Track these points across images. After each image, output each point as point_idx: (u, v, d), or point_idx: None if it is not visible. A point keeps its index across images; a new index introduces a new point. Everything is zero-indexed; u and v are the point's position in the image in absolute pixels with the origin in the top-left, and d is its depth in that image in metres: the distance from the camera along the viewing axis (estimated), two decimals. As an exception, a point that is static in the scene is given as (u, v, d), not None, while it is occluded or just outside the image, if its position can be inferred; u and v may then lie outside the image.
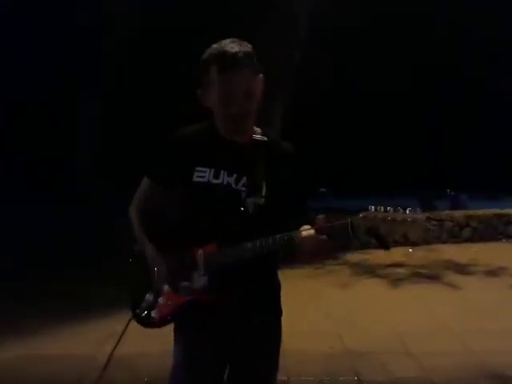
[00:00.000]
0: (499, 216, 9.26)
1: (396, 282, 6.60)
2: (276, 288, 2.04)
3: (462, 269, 7.20)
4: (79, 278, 6.34)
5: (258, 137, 1.96)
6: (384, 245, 1.77)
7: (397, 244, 8.65)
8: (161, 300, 1.93)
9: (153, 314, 1.94)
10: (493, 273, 6.96)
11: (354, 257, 7.67)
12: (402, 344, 4.47)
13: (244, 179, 1.90)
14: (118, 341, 2.15)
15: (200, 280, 1.87)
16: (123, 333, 2.09)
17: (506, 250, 8.51)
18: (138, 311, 1.98)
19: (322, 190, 12.71)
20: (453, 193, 10.28)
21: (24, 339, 4.70)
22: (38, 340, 4.71)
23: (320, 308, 5.30)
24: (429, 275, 6.88)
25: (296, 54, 9.10)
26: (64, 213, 8.64)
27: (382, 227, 1.69)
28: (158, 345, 2.82)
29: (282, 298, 2.03)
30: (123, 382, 3.79)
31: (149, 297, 1.96)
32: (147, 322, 1.98)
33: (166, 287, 1.92)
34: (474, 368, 3.98)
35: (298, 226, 1.84)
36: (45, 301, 5.70)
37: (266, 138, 1.97)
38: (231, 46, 1.81)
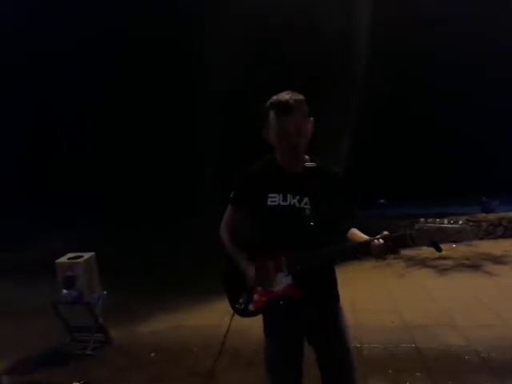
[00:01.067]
0: (527, 216, 8.63)
1: (443, 271, 6.29)
2: (335, 283, 2.06)
3: (497, 259, 6.75)
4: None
5: (308, 164, 1.98)
6: (437, 248, 1.73)
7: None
8: (256, 297, 1.98)
9: (250, 307, 2.00)
10: (524, 263, 6.50)
11: (407, 252, 7.40)
12: (450, 318, 4.29)
13: (305, 199, 1.93)
14: (229, 326, 2.21)
15: (285, 279, 1.92)
16: (231, 321, 2.14)
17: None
18: (237, 306, 2.03)
19: (382, 201, 12.18)
20: (486, 199, 9.59)
21: (169, 314, 4.96)
22: (180, 314, 4.94)
23: (383, 292, 5.20)
24: (470, 265, 6.51)
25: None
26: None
27: (436, 236, 1.71)
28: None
29: (355, 285, 2.06)
30: (239, 346, 3.89)
31: (244, 295, 2.01)
32: (245, 314, 2.03)
33: (259, 287, 1.97)
34: (510, 339, 3.76)
35: (347, 230, 1.97)
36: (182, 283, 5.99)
37: (315, 165, 1.99)
38: (285, 95, 1.89)
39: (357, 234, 1.96)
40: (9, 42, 10.06)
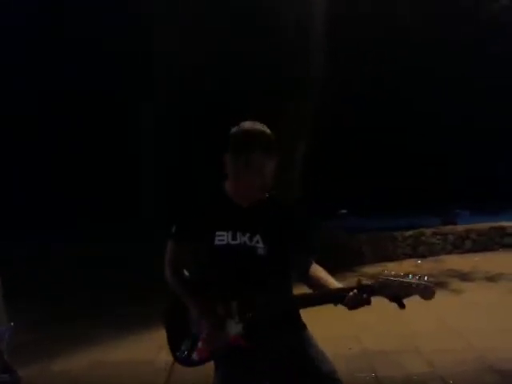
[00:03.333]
0: (495, 228, 9.06)
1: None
2: (297, 315, 2.01)
3: (464, 276, 7.05)
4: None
5: (263, 198, 1.95)
6: (401, 304, 1.76)
7: (406, 256, 8.55)
8: (200, 345, 1.92)
9: (193, 356, 1.94)
10: (492, 278, 6.78)
11: (370, 269, 7.57)
12: (413, 343, 4.38)
13: (257, 237, 1.90)
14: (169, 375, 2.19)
15: (235, 327, 1.86)
16: (170, 371, 2.11)
17: (502, 258, 8.30)
18: (178, 354, 1.98)
19: (343, 211, 12.48)
20: (457, 210, 10.06)
21: (90, 348, 4.74)
22: (102, 348, 4.76)
23: (342, 316, 5.24)
24: (435, 283, 6.71)
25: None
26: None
27: (399, 292, 1.75)
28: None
29: (312, 310, 2.03)
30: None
31: (187, 342, 1.96)
32: (188, 363, 1.98)
33: (203, 334, 1.90)
34: (476, 363, 3.87)
35: (307, 264, 1.97)
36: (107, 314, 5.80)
37: (268, 197, 1.97)
38: (260, 128, 1.88)
39: (325, 279, 1.95)
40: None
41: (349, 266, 7.45)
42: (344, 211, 12.25)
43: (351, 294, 1.78)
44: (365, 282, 1.82)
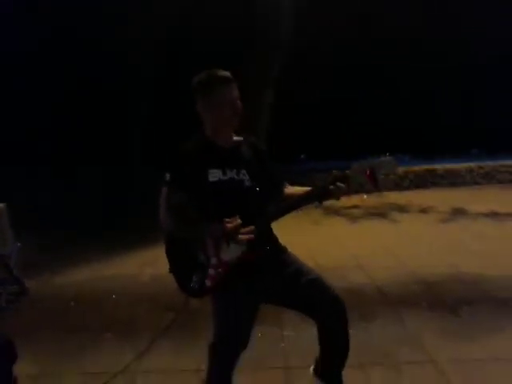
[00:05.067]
0: (429, 170, 9.38)
1: (354, 219, 6.73)
2: (275, 236, 2.08)
3: (402, 208, 7.35)
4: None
5: (236, 138, 2.01)
6: (376, 182, 1.81)
7: (355, 192, 8.80)
8: (211, 271, 1.88)
9: (206, 283, 1.89)
10: (424, 210, 7.12)
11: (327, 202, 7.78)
12: (357, 262, 4.64)
13: (243, 171, 1.94)
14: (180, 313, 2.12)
15: (238, 247, 1.85)
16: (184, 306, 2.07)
17: (433, 194, 8.66)
18: (192, 285, 1.90)
19: (302, 156, 12.53)
20: (399, 155, 10.26)
21: (88, 265, 4.88)
22: (99, 265, 4.87)
23: (299, 239, 5.44)
24: (378, 214, 7.02)
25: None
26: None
27: (373, 170, 1.80)
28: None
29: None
30: (157, 292, 3.94)
31: (198, 272, 1.90)
32: (202, 292, 1.91)
33: (213, 260, 1.87)
34: (407, 276, 4.15)
35: (282, 191, 2.07)
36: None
37: (241, 139, 2.03)
38: (217, 70, 1.92)
39: (298, 188, 2.07)
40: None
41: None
42: (303, 156, 12.33)
43: (331, 187, 1.84)
44: (337, 172, 1.86)
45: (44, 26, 8.64)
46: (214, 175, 1.90)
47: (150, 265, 4.68)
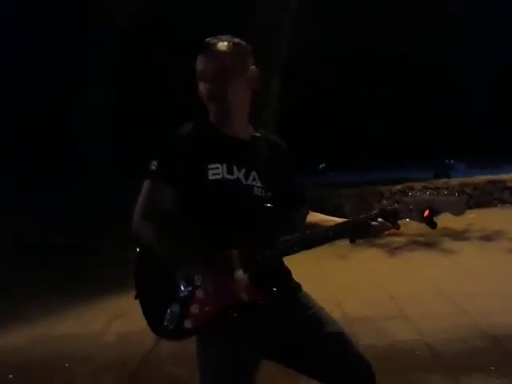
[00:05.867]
0: (493, 182, 9.34)
1: (393, 250, 6.72)
2: (289, 271, 2.03)
3: (457, 235, 7.31)
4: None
5: (253, 132, 1.98)
6: (431, 223, 1.84)
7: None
8: (193, 308, 1.80)
9: (185, 323, 1.80)
10: (488, 237, 7.09)
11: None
12: (399, 308, 4.59)
13: (253, 174, 1.89)
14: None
15: (241, 280, 1.80)
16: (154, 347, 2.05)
17: (501, 214, 8.62)
18: (166, 324, 1.81)
19: (322, 165, 12.65)
20: (452, 161, 10.30)
21: (32, 322, 4.81)
22: (46, 322, 4.81)
23: (320, 278, 5.42)
24: (425, 243, 6.99)
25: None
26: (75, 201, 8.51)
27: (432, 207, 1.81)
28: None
29: None
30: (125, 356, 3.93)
31: (174, 307, 1.82)
32: (179, 334, 1.84)
33: (198, 293, 1.80)
34: (467, 329, 4.08)
35: (302, 215, 2.03)
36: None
37: (259, 134, 1.99)
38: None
39: (324, 217, 2.03)
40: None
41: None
42: (323, 165, 12.40)
43: (376, 223, 1.82)
44: (386, 205, 1.87)
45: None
46: (216, 172, 1.83)
47: (120, 319, 4.65)
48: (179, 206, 1.86)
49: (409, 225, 6.69)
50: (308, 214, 2.08)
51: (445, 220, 6.65)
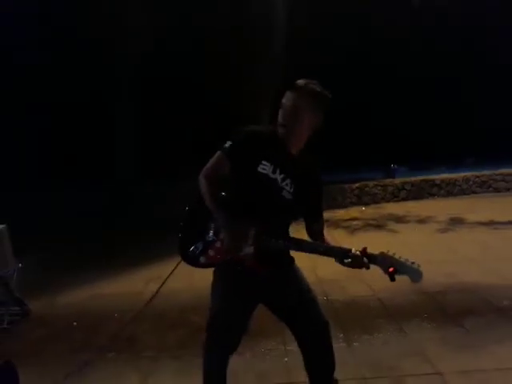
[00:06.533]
0: (426, 181, 9.37)
1: (354, 231, 6.70)
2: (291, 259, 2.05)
3: (399, 219, 7.32)
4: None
5: (303, 154, 1.96)
6: (392, 278, 1.84)
7: (353, 204, 8.78)
8: (211, 252, 1.89)
9: (201, 259, 1.90)
10: (422, 221, 7.08)
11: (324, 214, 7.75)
12: (357, 273, 4.58)
13: (288, 180, 1.90)
14: (168, 277, 2.13)
15: (247, 249, 1.84)
16: (173, 271, 2.09)
17: (431, 204, 8.62)
18: (190, 251, 1.90)
19: None
20: (396, 166, 10.26)
21: (90, 284, 4.80)
22: (97, 285, 4.80)
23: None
24: (376, 225, 6.99)
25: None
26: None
27: (396, 267, 1.82)
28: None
29: None
30: (162, 310, 3.90)
31: (198, 245, 1.91)
32: (194, 262, 1.92)
33: (217, 243, 1.88)
34: (407, 287, 4.05)
35: (321, 226, 2.03)
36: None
37: (306, 155, 1.98)
38: (324, 90, 1.90)
39: (328, 240, 2.04)
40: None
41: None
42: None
43: (356, 253, 1.82)
44: (369, 251, 1.85)
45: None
46: (265, 168, 1.87)
47: (155, 281, 4.63)
48: (231, 179, 1.92)
49: (364, 211, 6.72)
50: (323, 225, 2.07)
51: (390, 208, 6.65)
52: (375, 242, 5.89)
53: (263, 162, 1.87)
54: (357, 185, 9.01)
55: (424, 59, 10.24)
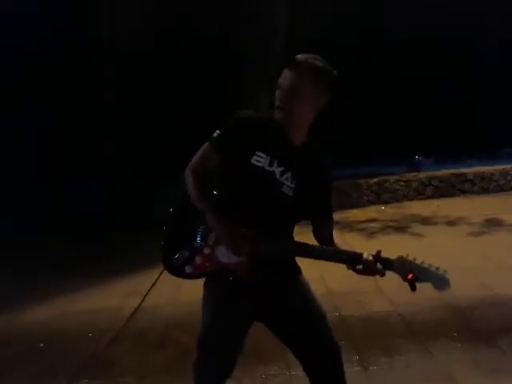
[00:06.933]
0: (456, 175, 9.37)
1: (370, 234, 6.72)
2: (293, 259, 2.03)
3: (425, 220, 7.33)
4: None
5: (307, 143, 1.95)
6: (413, 287, 1.82)
7: (371, 203, 8.80)
8: (198, 259, 1.87)
9: (187, 268, 1.88)
10: (451, 222, 7.09)
11: (335, 215, 7.77)
12: (375, 284, 4.60)
13: (288, 174, 1.89)
14: (149, 290, 2.14)
15: (240, 258, 1.83)
16: (156, 280, 2.08)
17: (462, 203, 8.64)
18: (174, 259, 1.89)
19: None
20: (421, 158, 10.26)
21: (62, 298, 4.81)
22: (70, 298, 4.80)
23: (307, 259, 5.43)
24: (398, 227, 7.01)
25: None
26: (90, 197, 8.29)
27: (415, 274, 1.80)
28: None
29: None
30: (143, 327, 3.92)
31: (184, 253, 1.89)
32: (179, 273, 1.91)
33: (206, 249, 1.87)
34: (433, 301, 4.05)
35: (330, 229, 2.01)
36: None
37: (311, 144, 1.97)
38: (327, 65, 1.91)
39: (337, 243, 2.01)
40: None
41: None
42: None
43: (368, 258, 1.80)
44: (385, 255, 1.83)
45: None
46: (260, 160, 1.86)
47: (136, 295, 4.65)
48: (222, 174, 1.92)
49: (384, 211, 6.76)
50: (333, 228, 2.05)
51: (414, 208, 6.70)
52: (397, 248, 5.83)
53: (258, 153, 1.86)
54: (375, 180, 9.02)
55: (428, 57, 10.54)
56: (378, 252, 1.84)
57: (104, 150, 9.42)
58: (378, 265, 1.82)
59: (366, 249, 1.88)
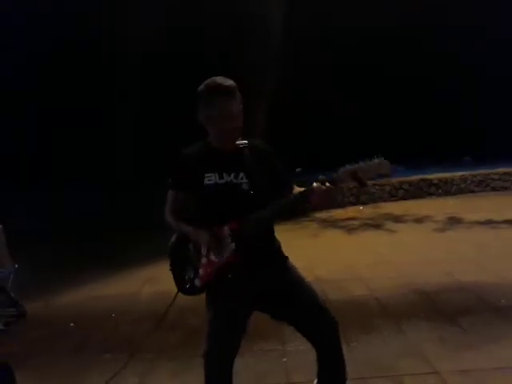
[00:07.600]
0: (423, 180, 9.39)
1: (351, 230, 6.70)
2: (278, 244, 2.07)
3: (397, 218, 7.31)
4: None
5: (240, 143, 1.98)
6: (361, 183, 1.76)
7: (351, 204, 8.78)
8: (201, 271, 1.92)
9: (196, 282, 1.93)
10: (419, 220, 7.08)
11: (321, 215, 7.77)
12: (355, 272, 4.61)
13: (241, 174, 1.92)
14: (171, 303, 2.12)
15: (229, 246, 1.87)
16: (172, 302, 2.09)
17: (428, 204, 8.64)
18: (186, 286, 1.96)
19: (298, 169, 12.40)
20: (394, 165, 10.20)
21: (87, 284, 4.81)
22: (98, 285, 4.80)
23: (298, 252, 5.40)
24: (374, 224, 6.99)
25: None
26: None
27: (359, 173, 1.75)
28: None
29: None
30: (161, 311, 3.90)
31: (189, 274, 1.95)
32: (194, 291, 1.96)
33: (203, 260, 1.90)
34: (405, 287, 4.11)
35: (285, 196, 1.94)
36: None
37: (246, 143, 1.99)
38: (221, 79, 1.88)
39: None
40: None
41: (303, 212, 7.66)
42: (299, 169, 12.25)
43: (315, 185, 1.77)
44: (323, 177, 1.79)
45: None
46: (210, 179, 1.91)
47: (151, 282, 4.63)
48: (191, 202, 1.99)
49: (362, 211, 6.74)
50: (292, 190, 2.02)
51: (387, 208, 6.66)
52: (373, 242, 5.91)
53: (206, 175, 1.92)
54: (354, 184, 8.94)
55: (421, 59, 10.26)
56: (319, 180, 1.80)
57: (104, 150, 8.93)
58: (327, 184, 1.77)
59: (348, 243, 1.87)
